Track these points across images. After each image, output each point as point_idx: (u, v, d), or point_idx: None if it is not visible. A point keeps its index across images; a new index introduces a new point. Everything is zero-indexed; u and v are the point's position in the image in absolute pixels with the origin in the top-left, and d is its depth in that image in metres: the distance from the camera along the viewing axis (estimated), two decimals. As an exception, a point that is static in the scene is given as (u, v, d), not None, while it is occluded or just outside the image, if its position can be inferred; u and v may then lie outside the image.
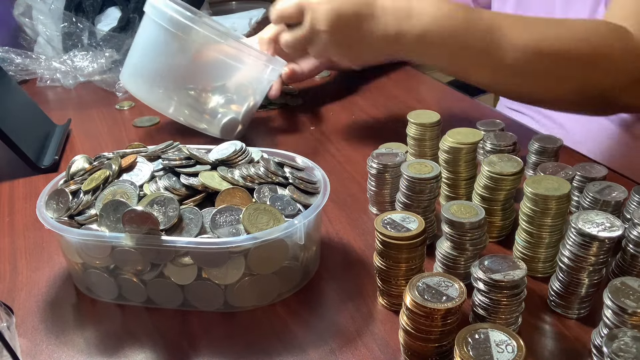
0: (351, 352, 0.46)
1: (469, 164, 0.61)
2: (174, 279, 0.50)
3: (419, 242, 0.47)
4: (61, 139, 0.84)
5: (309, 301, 0.52)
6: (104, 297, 0.53)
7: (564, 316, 0.49)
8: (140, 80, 0.82)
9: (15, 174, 0.76)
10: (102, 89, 1.07)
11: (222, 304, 0.51)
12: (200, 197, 0.53)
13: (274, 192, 0.53)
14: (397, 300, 0.50)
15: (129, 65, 0.82)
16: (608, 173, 0.60)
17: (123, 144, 0.84)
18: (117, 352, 0.47)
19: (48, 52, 1.17)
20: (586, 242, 0.45)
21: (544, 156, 0.66)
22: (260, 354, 0.47)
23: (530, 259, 0.53)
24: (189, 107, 0.79)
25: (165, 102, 0.80)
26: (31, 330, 0.50)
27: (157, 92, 0.79)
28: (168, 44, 0.76)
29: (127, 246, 0.48)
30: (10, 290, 0.55)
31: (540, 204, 0.50)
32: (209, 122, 0.79)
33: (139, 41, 0.81)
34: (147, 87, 0.81)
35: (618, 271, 0.50)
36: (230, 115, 0.79)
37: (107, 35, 1.16)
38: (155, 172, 0.55)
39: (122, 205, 0.49)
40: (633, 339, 0.37)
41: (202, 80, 0.80)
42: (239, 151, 0.57)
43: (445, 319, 0.41)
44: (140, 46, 0.81)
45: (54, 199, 0.53)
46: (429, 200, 0.56)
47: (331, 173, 0.61)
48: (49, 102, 1.04)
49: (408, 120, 0.68)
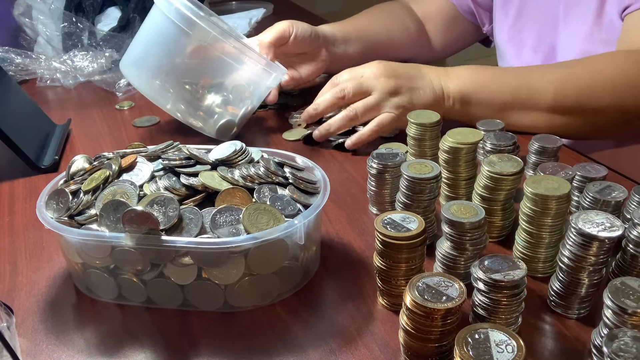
0: (351, 352, 0.46)
1: (469, 164, 0.61)
2: (174, 279, 0.50)
3: (419, 242, 0.47)
4: (61, 139, 0.84)
5: (309, 301, 0.52)
6: (104, 297, 0.53)
7: (564, 316, 0.49)
8: (139, 70, 0.82)
9: (15, 174, 0.76)
10: (102, 89, 1.07)
11: (222, 304, 0.51)
12: (200, 197, 0.53)
13: (274, 192, 0.53)
14: (397, 300, 0.50)
15: (131, 54, 0.82)
16: (608, 173, 0.60)
17: (123, 144, 0.84)
18: (117, 352, 0.47)
19: (48, 52, 1.17)
20: (586, 242, 0.45)
21: (544, 156, 0.66)
22: (260, 354, 0.47)
23: (530, 259, 0.53)
24: (185, 102, 0.79)
25: (163, 95, 0.80)
26: (31, 330, 0.50)
27: (154, 83, 0.79)
28: (171, 36, 0.77)
29: (127, 246, 0.48)
30: (10, 290, 0.55)
31: (540, 204, 0.50)
32: (204, 121, 0.79)
33: (143, 31, 0.81)
34: (145, 78, 0.81)
35: (618, 271, 0.50)
36: (227, 118, 0.79)
37: (107, 35, 1.16)
38: (155, 172, 0.55)
39: (122, 205, 0.49)
40: (633, 339, 0.37)
41: (199, 75, 0.80)
42: (239, 151, 0.57)
43: (445, 319, 0.41)
44: (144, 36, 0.81)
45: (54, 199, 0.53)
46: (429, 200, 0.56)
47: (331, 173, 0.61)
48: (49, 102, 1.04)
49: (408, 120, 0.68)
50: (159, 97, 0.80)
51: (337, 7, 2.23)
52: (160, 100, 0.80)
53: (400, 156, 0.61)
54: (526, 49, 0.92)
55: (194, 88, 0.79)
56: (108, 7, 1.23)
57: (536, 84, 0.75)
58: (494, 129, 0.69)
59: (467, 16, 1.04)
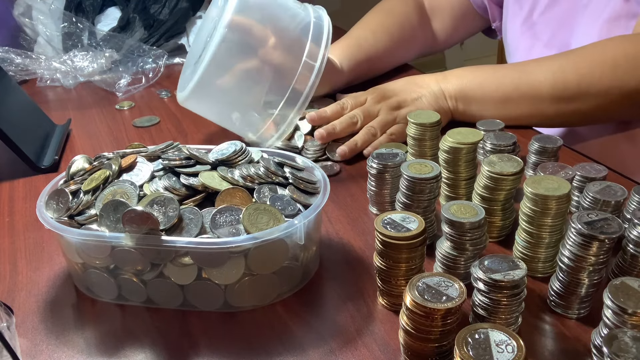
0: (351, 352, 0.46)
1: (469, 164, 0.61)
2: (174, 279, 0.50)
3: (419, 242, 0.47)
4: (61, 139, 0.84)
5: (309, 301, 0.52)
6: (104, 297, 0.53)
7: (564, 316, 0.49)
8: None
9: (15, 174, 0.76)
10: (102, 89, 1.07)
11: (222, 304, 0.51)
12: (200, 197, 0.53)
13: (274, 192, 0.53)
14: (397, 300, 0.50)
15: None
16: (608, 173, 0.60)
17: (123, 144, 0.84)
18: (117, 352, 0.47)
19: (48, 52, 1.17)
20: (586, 242, 0.45)
21: (544, 156, 0.66)
22: (260, 354, 0.47)
23: (530, 259, 0.53)
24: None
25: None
26: (31, 330, 0.50)
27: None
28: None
29: (127, 246, 0.48)
30: (10, 290, 0.55)
31: (540, 204, 0.50)
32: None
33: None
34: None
35: (618, 271, 0.50)
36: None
37: (107, 35, 1.16)
38: (155, 172, 0.55)
39: (122, 205, 0.49)
40: (633, 339, 0.37)
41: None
42: (239, 151, 0.57)
43: (445, 319, 0.41)
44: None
45: (54, 199, 0.53)
46: (429, 200, 0.56)
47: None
48: (49, 102, 1.04)
49: (408, 120, 0.68)
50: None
51: (336, 6, 2.23)
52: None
53: (400, 156, 0.61)
54: (538, 45, 0.90)
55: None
56: (108, 7, 1.23)
57: (536, 74, 0.75)
58: (494, 129, 0.69)
59: (480, 11, 1.03)
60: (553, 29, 0.88)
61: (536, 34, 0.91)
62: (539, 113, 0.77)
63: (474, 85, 0.78)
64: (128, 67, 1.12)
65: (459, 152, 0.59)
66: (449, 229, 0.50)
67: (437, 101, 0.78)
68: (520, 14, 0.92)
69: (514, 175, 0.55)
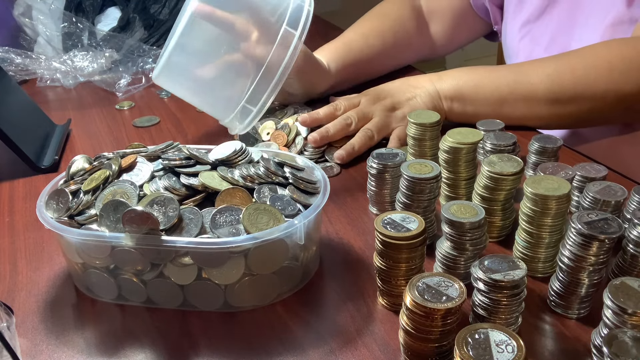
0: (351, 352, 0.46)
1: (469, 164, 0.61)
2: (174, 279, 0.50)
3: (419, 242, 0.47)
4: (61, 139, 0.84)
5: (309, 301, 0.52)
6: (104, 297, 0.53)
7: (564, 316, 0.49)
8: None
9: (15, 174, 0.76)
10: (102, 89, 1.07)
11: (222, 304, 0.51)
12: (200, 197, 0.53)
13: (274, 192, 0.53)
14: (397, 300, 0.50)
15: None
16: (608, 173, 0.60)
17: (123, 144, 0.84)
18: (117, 352, 0.47)
19: (48, 52, 1.17)
20: (586, 242, 0.45)
21: (544, 156, 0.66)
22: (260, 354, 0.47)
23: (530, 259, 0.53)
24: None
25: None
26: (31, 330, 0.50)
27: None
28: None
29: (127, 246, 0.48)
30: (10, 290, 0.55)
31: (540, 204, 0.50)
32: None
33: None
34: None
35: (618, 271, 0.50)
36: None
37: (107, 35, 1.16)
38: (155, 172, 0.55)
39: (122, 205, 0.49)
40: (633, 339, 0.37)
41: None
42: (238, 151, 0.57)
43: (445, 319, 0.41)
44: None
45: (54, 199, 0.53)
46: (429, 200, 0.56)
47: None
48: (49, 102, 1.04)
49: (408, 120, 0.68)
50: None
51: (336, 6, 2.23)
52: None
53: (400, 156, 0.61)
54: (538, 49, 0.90)
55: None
56: (108, 7, 1.23)
57: (532, 76, 0.75)
58: (494, 129, 0.69)
59: (480, 13, 1.01)
60: (553, 33, 0.88)
61: (535, 38, 0.90)
62: (535, 115, 0.77)
63: (469, 86, 0.78)
64: (128, 67, 1.12)
65: (459, 152, 0.59)
66: (449, 229, 0.50)
67: (432, 101, 0.78)
68: (519, 17, 0.92)
69: (514, 175, 0.55)
